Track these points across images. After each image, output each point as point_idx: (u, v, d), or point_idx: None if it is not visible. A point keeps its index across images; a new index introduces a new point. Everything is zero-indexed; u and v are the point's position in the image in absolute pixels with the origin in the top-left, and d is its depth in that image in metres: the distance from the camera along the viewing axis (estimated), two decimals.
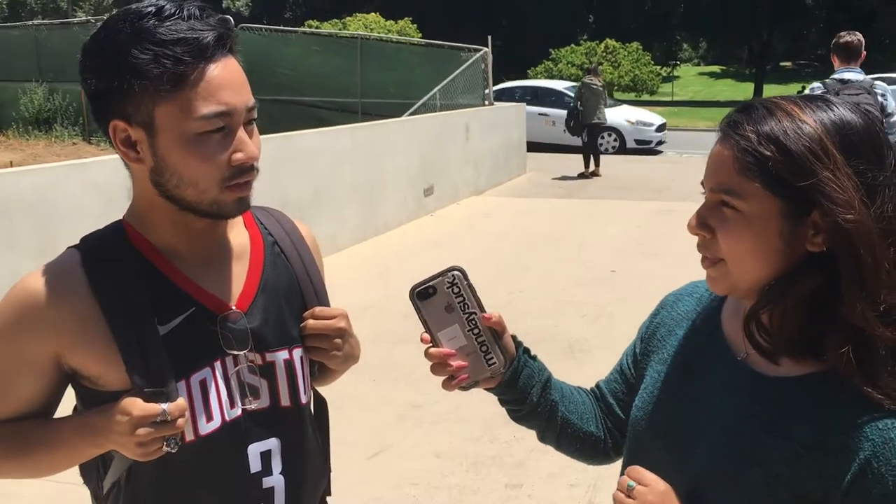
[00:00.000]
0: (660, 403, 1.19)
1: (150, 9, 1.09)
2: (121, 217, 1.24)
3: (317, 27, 25.83)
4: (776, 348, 1.05)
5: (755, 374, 1.08)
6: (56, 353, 1.15)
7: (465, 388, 1.17)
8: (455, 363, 1.14)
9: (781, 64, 46.58)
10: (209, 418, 1.18)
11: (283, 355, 1.25)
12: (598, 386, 1.39)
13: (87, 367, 1.15)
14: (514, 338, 1.23)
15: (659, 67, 33.70)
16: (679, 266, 7.64)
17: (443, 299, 1.14)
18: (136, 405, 1.09)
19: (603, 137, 16.17)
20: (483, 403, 4.56)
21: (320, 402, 1.41)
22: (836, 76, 5.59)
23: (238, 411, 1.21)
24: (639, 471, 1.09)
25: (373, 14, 29.00)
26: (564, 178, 12.96)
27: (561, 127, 15.96)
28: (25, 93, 15.63)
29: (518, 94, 17.50)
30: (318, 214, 7.68)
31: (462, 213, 10.15)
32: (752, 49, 45.00)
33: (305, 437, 1.30)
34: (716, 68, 50.88)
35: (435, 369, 1.15)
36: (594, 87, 12.60)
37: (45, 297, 1.13)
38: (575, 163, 13.33)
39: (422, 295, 1.14)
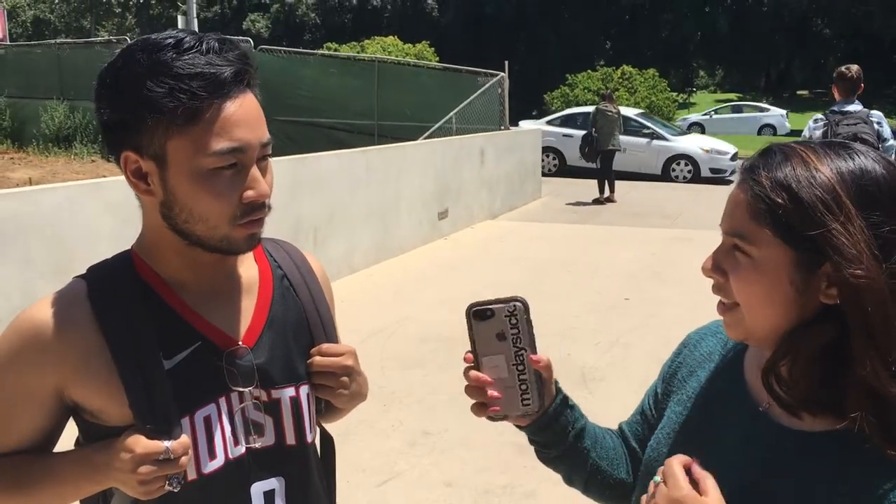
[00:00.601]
0: (674, 446, 1.16)
1: (169, 41, 1.07)
2: (133, 240, 1.23)
3: (335, 49, 26.04)
4: (796, 402, 1.01)
5: (776, 426, 1.05)
6: (58, 385, 1.13)
7: (493, 419, 1.13)
8: (490, 392, 1.11)
9: (798, 92, 46.50)
10: (212, 456, 1.15)
11: (289, 392, 1.22)
12: (620, 428, 1.35)
13: (89, 401, 1.13)
14: (556, 384, 1.20)
15: (675, 94, 33.72)
16: (694, 295, 7.62)
17: (497, 325, 1.10)
18: (139, 442, 1.07)
19: (675, 167, 16.16)
20: (495, 431, 4.53)
21: (327, 440, 1.39)
22: (836, 108, 6.00)
23: (242, 449, 1.18)
24: (672, 466, 1.00)
25: (391, 37, 29.21)
26: (579, 203, 12.94)
27: (633, 154, 16.05)
28: (46, 110, 15.82)
29: (580, 120, 17.02)
30: (332, 236, 7.69)
31: (476, 238, 10.14)
32: (769, 77, 44.99)
33: (310, 476, 1.27)
34: (732, 95, 50.86)
35: (469, 391, 1.12)
36: (609, 113, 12.61)
37: (49, 328, 1.11)
38: (590, 188, 13.31)
39: (478, 315, 1.10)
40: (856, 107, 5.97)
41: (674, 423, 1.18)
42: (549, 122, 17.46)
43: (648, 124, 16.92)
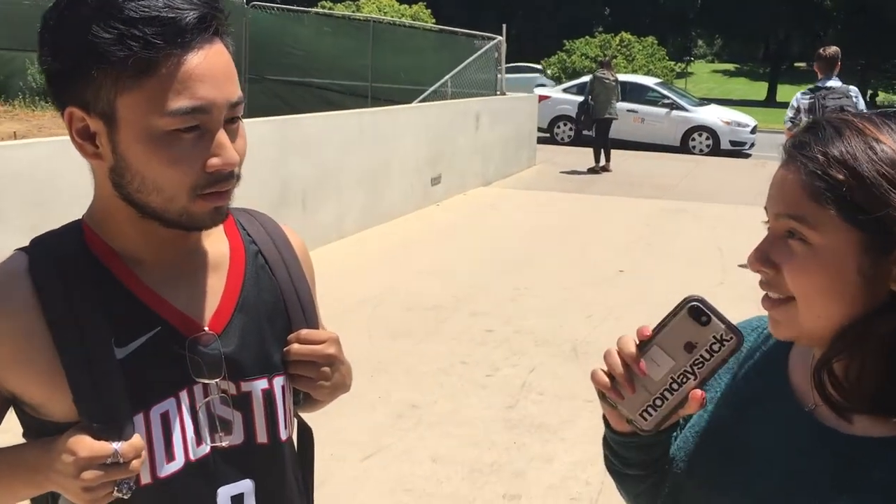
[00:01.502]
0: (703, 445, 1.04)
1: None
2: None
3: (330, 8, 25.60)
4: (850, 403, 0.90)
5: (823, 428, 0.93)
6: None
7: (603, 398, 0.97)
8: (626, 377, 0.93)
9: (796, 64, 46.17)
10: (170, 458, 1.01)
11: (261, 384, 1.08)
12: None
13: (28, 392, 0.99)
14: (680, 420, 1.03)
15: (673, 63, 33.41)
16: (688, 268, 7.55)
17: (698, 337, 0.93)
18: (83, 444, 0.93)
19: (694, 138, 15.88)
20: (483, 406, 4.44)
21: (305, 431, 1.24)
22: (819, 83, 6.88)
23: (206, 449, 1.04)
24: None
25: None
26: (574, 172, 12.78)
27: (651, 125, 15.79)
28: (33, 63, 15.48)
29: None
30: (322, 200, 7.52)
31: (469, 204, 9.99)
32: (767, 48, 44.63)
33: (284, 477, 1.13)
34: (730, 66, 50.54)
35: (610, 360, 0.94)
36: (606, 81, 12.41)
37: None
38: (585, 157, 13.14)
39: (693, 312, 0.93)
40: (836, 83, 6.80)
41: (703, 421, 1.06)
42: (564, 90, 17.17)
43: (668, 94, 16.65)
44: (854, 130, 0.87)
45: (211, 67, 0.94)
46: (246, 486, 1.08)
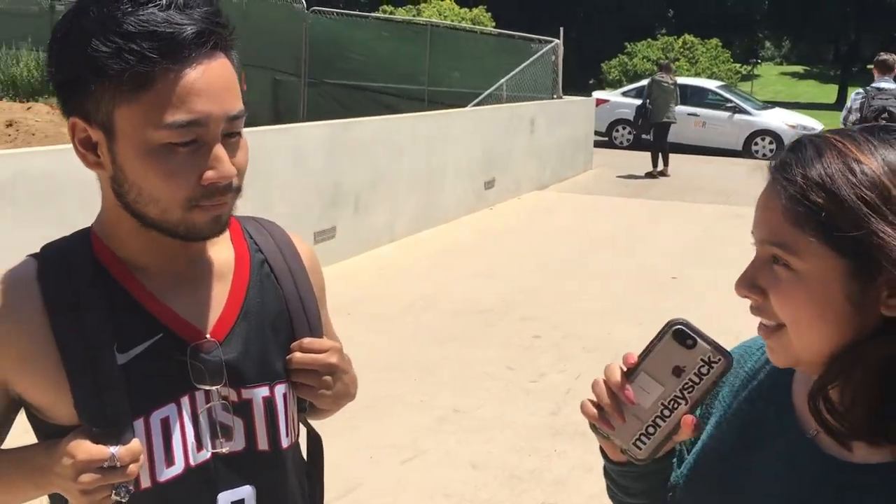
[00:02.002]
0: (704, 470, 1.01)
1: None
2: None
3: (390, 12, 25.81)
4: (847, 430, 0.87)
5: (824, 456, 0.90)
6: (1, 377, 1.01)
7: (594, 429, 0.94)
8: (614, 407, 0.91)
9: (869, 67, 44.75)
10: (170, 462, 1.02)
11: (262, 392, 1.08)
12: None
13: (34, 396, 1.01)
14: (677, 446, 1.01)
15: (738, 65, 32.71)
16: None
17: (685, 361, 0.90)
18: (81, 447, 0.95)
19: (757, 142, 15.59)
20: (527, 412, 4.41)
21: (314, 440, 1.25)
22: (874, 85, 7.46)
23: (207, 454, 1.05)
24: None
25: (447, 1, 28.83)
26: (631, 176, 12.61)
27: (713, 129, 15.53)
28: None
29: None
30: (374, 203, 7.58)
31: (522, 208, 9.94)
32: (837, 50, 43.38)
33: (286, 485, 1.13)
34: (799, 68, 49.22)
35: (597, 390, 0.93)
36: (665, 84, 12.22)
37: None
38: (643, 161, 12.96)
39: (678, 335, 0.90)
40: (889, 84, 7.33)
41: (707, 447, 1.03)
42: (623, 94, 16.98)
43: (730, 97, 16.31)
44: (834, 151, 0.83)
45: (209, 82, 0.95)
46: (246, 492, 1.08)
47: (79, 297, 1.01)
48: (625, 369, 0.92)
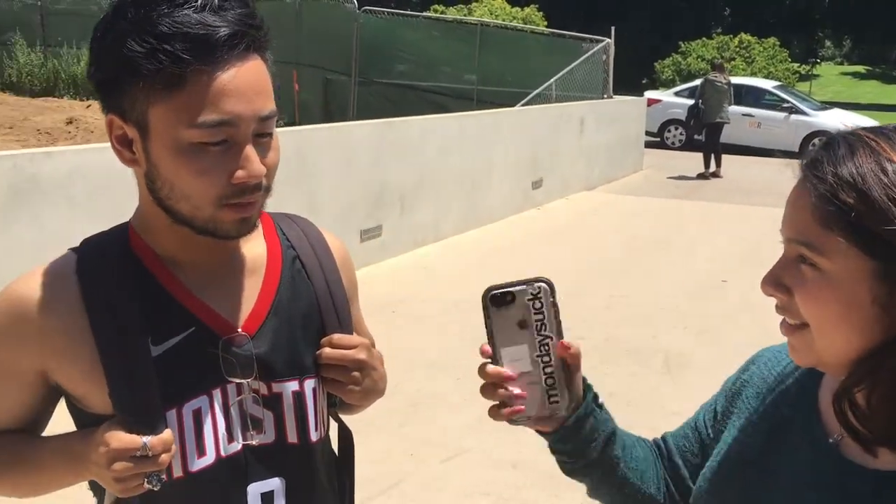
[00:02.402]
0: (728, 477, 1.01)
1: None
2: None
3: (442, 12, 25.86)
4: (873, 435, 0.85)
5: (846, 462, 0.89)
6: (41, 366, 1.05)
7: (514, 422, 0.98)
8: (512, 389, 0.95)
9: None
10: (201, 453, 1.05)
11: (291, 386, 1.11)
12: (664, 439, 1.18)
13: (71, 385, 1.05)
14: (584, 380, 1.04)
15: (797, 65, 32.00)
16: None
17: (519, 312, 0.95)
18: (115, 436, 0.98)
19: (815, 144, 15.22)
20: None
21: (345, 436, 1.27)
22: None
23: (238, 446, 1.08)
24: None
25: (498, 0, 28.77)
26: (682, 177, 12.44)
27: (769, 130, 15.28)
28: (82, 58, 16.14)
29: None
30: (420, 203, 7.61)
31: (570, 209, 9.88)
32: None
33: (315, 477, 1.16)
34: (860, 68, 47.95)
35: (485, 390, 0.97)
36: (718, 84, 12.02)
37: (33, 307, 1.03)
38: (695, 162, 12.77)
39: (497, 300, 0.95)
40: None
41: (730, 450, 1.03)
42: (676, 94, 16.75)
43: (787, 97, 15.94)
44: (867, 149, 0.82)
45: (240, 83, 0.97)
46: (275, 484, 1.11)
47: (115, 290, 1.04)
48: (488, 361, 0.96)
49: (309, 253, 1.19)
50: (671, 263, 7.39)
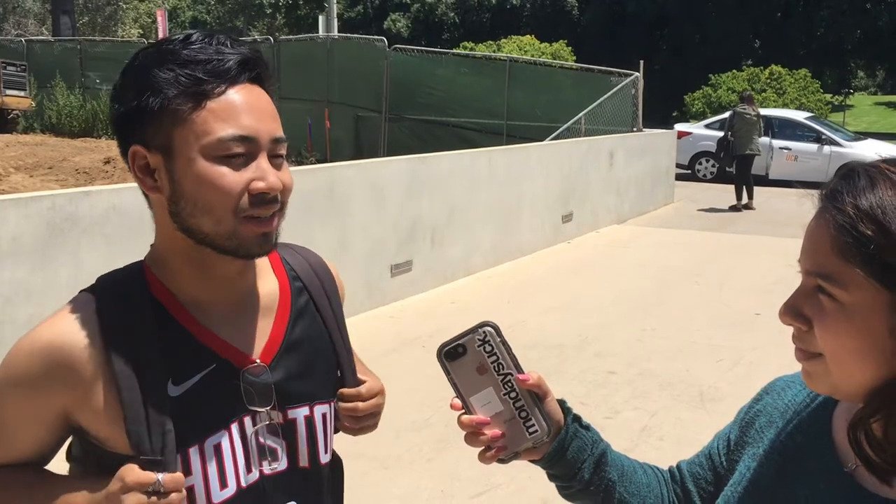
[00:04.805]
0: (744, 502, 1.00)
1: (178, 36, 1.07)
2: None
3: (471, 49, 26.14)
4: (888, 465, 0.84)
5: (862, 491, 0.88)
6: (65, 410, 1.08)
7: (503, 461, 1.03)
8: (490, 432, 1.01)
9: None
10: (223, 485, 1.09)
11: (303, 412, 1.17)
12: (678, 467, 1.20)
13: (95, 427, 1.07)
14: (561, 403, 1.08)
15: (829, 96, 31.77)
16: None
17: (474, 359, 1.01)
18: (131, 472, 1.02)
19: (834, 175, 15.03)
20: None
21: (335, 463, 1.30)
22: None
23: (255, 475, 1.13)
24: None
25: (527, 36, 29.03)
26: (713, 209, 12.36)
27: (803, 162, 15.15)
28: None
29: None
30: (450, 237, 7.64)
31: (601, 242, 9.85)
32: None
33: (321, 500, 1.22)
34: (895, 98, 47.46)
35: (468, 439, 1.02)
36: (747, 116, 11.97)
37: (59, 352, 1.05)
38: (727, 194, 12.69)
39: (450, 355, 1.02)
40: None
41: (744, 481, 1.03)
42: (707, 126, 16.71)
43: (820, 128, 15.78)
44: (887, 182, 0.82)
45: (254, 103, 1.06)
46: None
47: (135, 332, 1.07)
48: (462, 412, 1.02)
49: (313, 281, 1.26)
50: (703, 296, 7.33)
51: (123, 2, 38.67)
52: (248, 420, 1.12)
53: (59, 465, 1.16)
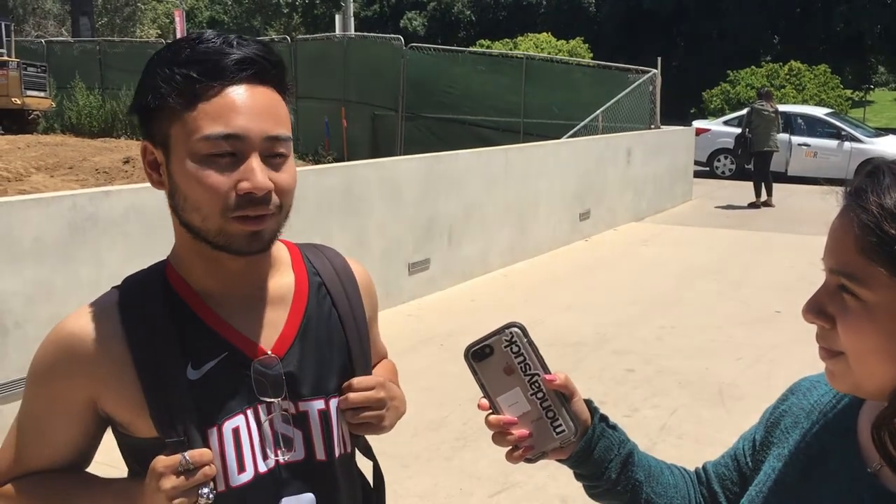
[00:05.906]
0: (768, 501, 1.00)
1: (193, 36, 1.09)
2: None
3: (487, 47, 26.11)
4: None
5: (885, 492, 0.88)
6: (91, 398, 1.12)
7: (531, 461, 1.03)
8: (517, 432, 1.02)
9: None
10: (241, 469, 1.12)
11: (318, 405, 1.17)
12: (704, 468, 1.20)
13: (119, 413, 1.12)
14: (588, 403, 1.08)
15: (849, 91, 31.45)
16: None
17: (501, 360, 1.02)
18: (159, 460, 1.04)
19: (858, 172, 14.89)
20: None
21: (379, 478, 1.33)
22: None
23: (271, 462, 1.14)
24: None
25: (544, 34, 28.95)
26: (732, 207, 12.28)
27: (823, 158, 15.03)
28: None
29: None
30: (467, 235, 7.64)
31: (618, 240, 9.82)
32: None
33: (342, 493, 1.21)
34: None
35: (496, 439, 1.03)
36: (765, 112, 11.88)
37: (81, 341, 1.11)
38: (746, 191, 12.60)
39: (477, 355, 1.02)
40: None
41: (769, 481, 1.02)
42: (725, 122, 16.58)
43: (840, 125, 15.60)
44: None
45: (248, 102, 1.06)
46: (308, 499, 1.17)
47: (153, 322, 1.11)
48: (490, 412, 1.02)
49: (334, 280, 1.26)
50: (722, 294, 7.28)
51: (142, 2, 38.96)
52: (262, 408, 1.14)
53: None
